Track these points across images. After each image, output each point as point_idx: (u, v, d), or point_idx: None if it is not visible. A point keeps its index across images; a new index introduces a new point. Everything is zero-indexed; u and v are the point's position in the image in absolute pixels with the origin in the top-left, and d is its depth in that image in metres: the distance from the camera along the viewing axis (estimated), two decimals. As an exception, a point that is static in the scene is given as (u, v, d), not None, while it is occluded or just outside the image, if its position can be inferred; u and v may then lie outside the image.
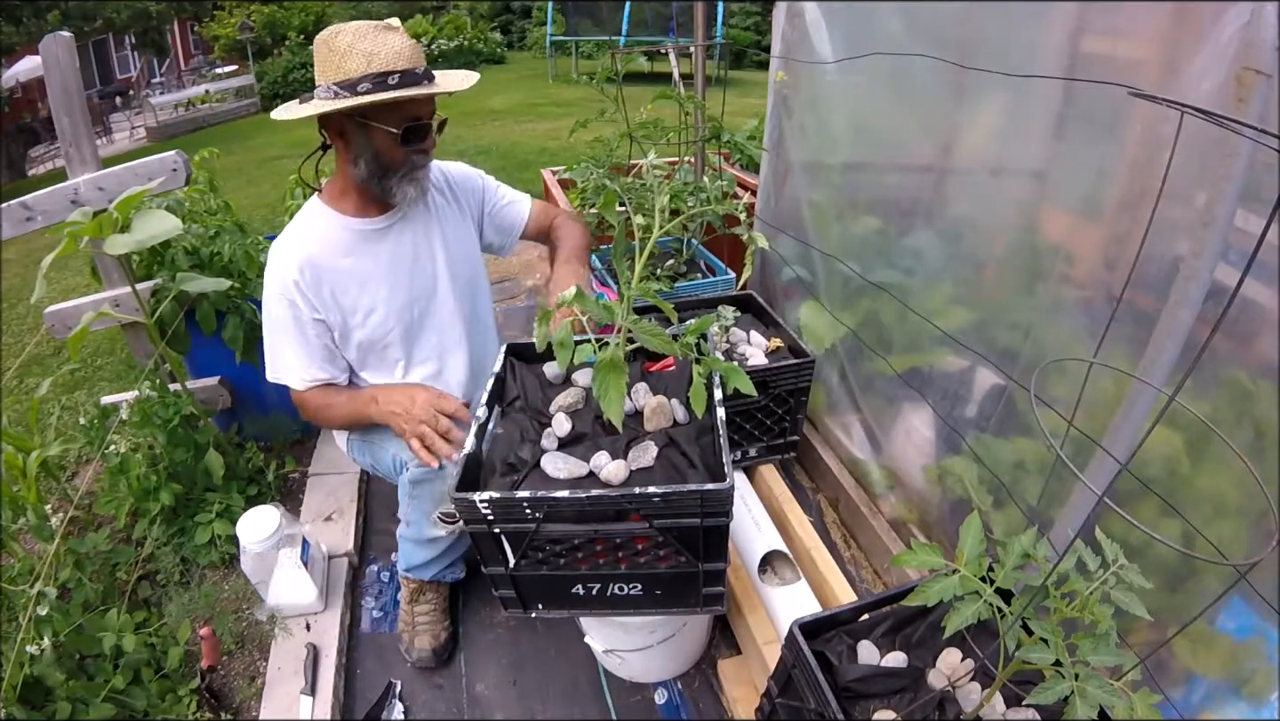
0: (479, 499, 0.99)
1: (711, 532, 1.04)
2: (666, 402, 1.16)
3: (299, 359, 1.44)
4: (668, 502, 0.99)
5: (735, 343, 1.86)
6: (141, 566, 1.73)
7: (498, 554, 1.10)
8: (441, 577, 1.63)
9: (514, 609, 1.23)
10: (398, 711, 1.51)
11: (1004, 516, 1.38)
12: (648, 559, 1.10)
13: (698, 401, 1.05)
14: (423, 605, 1.64)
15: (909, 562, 0.86)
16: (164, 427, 1.79)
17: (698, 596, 1.17)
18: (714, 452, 1.08)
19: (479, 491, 1.01)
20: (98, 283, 1.96)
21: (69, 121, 1.74)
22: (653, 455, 1.07)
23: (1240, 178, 0.87)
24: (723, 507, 1.01)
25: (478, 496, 0.99)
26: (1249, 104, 0.83)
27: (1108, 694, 0.74)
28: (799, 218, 2.05)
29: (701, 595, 1.16)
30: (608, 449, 1.08)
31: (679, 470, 1.05)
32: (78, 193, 1.77)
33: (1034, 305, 1.27)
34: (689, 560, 1.09)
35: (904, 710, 0.94)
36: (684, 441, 1.09)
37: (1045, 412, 1.13)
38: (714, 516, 1.01)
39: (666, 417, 1.15)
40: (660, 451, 1.09)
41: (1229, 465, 0.97)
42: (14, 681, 1.24)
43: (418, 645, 1.60)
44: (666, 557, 1.10)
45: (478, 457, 1.13)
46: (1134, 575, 0.78)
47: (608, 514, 1.03)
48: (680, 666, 1.58)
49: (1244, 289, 0.70)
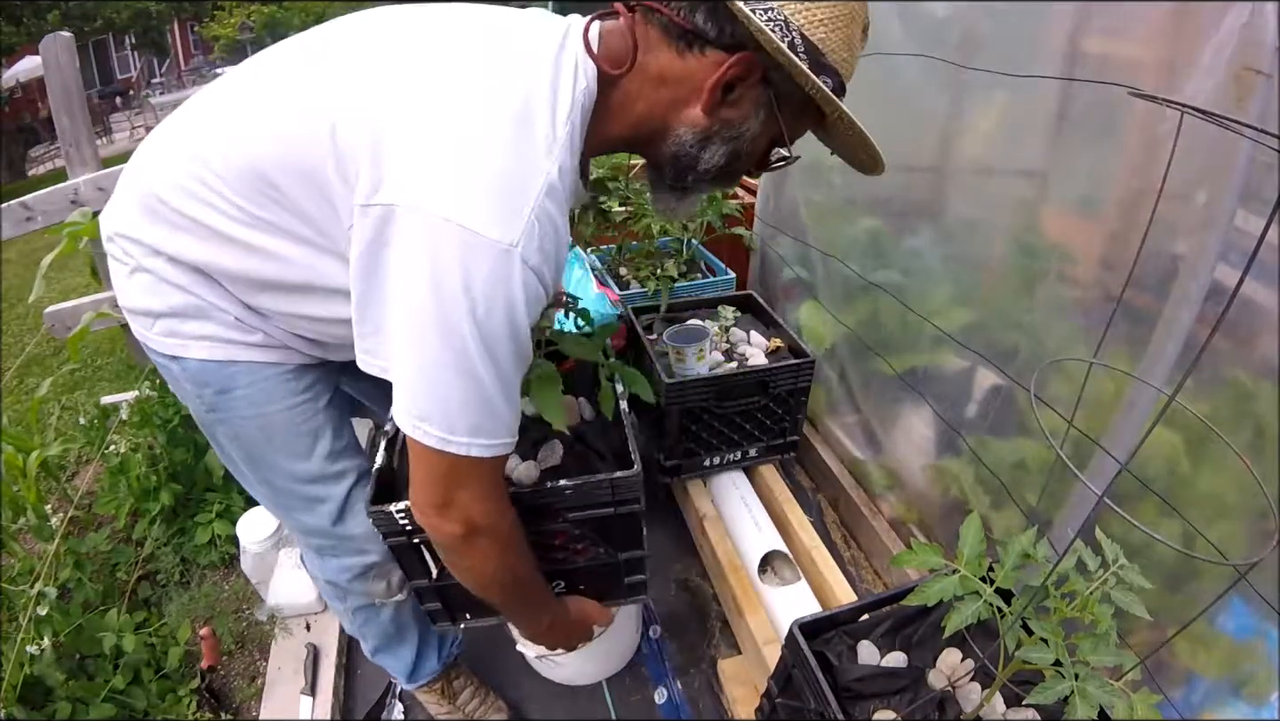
0: (395, 510, 0.97)
1: (626, 520, 1.06)
2: (574, 402, 1.18)
3: (511, 412, 0.80)
4: (580, 493, 0.99)
5: (735, 342, 1.86)
6: (141, 566, 1.73)
7: (419, 565, 1.08)
8: (449, 657, 1.42)
9: (443, 621, 1.20)
10: (398, 711, 1.51)
11: (1004, 516, 1.38)
12: (566, 554, 1.11)
13: (606, 403, 1.06)
14: (462, 696, 1.46)
15: (909, 562, 0.86)
16: (164, 427, 1.79)
17: (621, 587, 1.18)
18: (623, 444, 1.10)
19: (394, 503, 0.98)
20: (98, 283, 1.96)
21: (69, 121, 1.74)
22: (559, 453, 1.10)
23: (1240, 178, 0.87)
24: (633, 494, 1.02)
25: (393, 508, 0.97)
26: (1249, 104, 0.83)
27: (1108, 694, 0.74)
28: (799, 218, 2.05)
29: (625, 585, 1.18)
30: (516, 452, 1.07)
31: (589, 464, 1.07)
32: (78, 193, 1.77)
33: (1034, 305, 1.27)
34: (608, 551, 1.10)
35: (904, 710, 0.94)
36: (593, 437, 1.12)
37: (1045, 412, 1.13)
38: (626, 504, 1.03)
39: (574, 415, 1.17)
40: (567, 449, 1.11)
41: (1229, 465, 0.97)
42: (14, 681, 1.24)
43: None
44: (585, 550, 1.11)
45: (390, 470, 1.09)
46: (1134, 575, 0.78)
47: (522, 514, 0.99)
48: (614, 665, 1.58)
49: (1244, 289, 0.70)
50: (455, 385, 0.73)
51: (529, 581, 0.98)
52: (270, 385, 0.95)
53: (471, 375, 0.72)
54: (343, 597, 1.19)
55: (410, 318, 0.71)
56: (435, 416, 0.74)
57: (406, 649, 1.32)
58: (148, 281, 0.88)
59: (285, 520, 1.10)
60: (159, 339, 0.91)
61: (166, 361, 0.93)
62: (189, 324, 0.89)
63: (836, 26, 0.74)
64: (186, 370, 0.92)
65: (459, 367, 0.72)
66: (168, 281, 0.87)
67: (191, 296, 0.87)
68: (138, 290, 0.89)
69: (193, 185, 0.80)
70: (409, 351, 0.73)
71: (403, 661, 1.33)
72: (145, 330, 0.91)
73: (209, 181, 0.79)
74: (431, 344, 0.71)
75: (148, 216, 0.85)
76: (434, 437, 0.75)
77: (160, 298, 0.88)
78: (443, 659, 1.39)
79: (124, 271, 0.90)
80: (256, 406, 0.95)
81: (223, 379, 0.93)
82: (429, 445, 0.76)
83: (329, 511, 1.03)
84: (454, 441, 0.75)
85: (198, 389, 0.94)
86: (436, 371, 0.72)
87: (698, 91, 0.76)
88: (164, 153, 0.85)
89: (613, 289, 2.09)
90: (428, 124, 0.71)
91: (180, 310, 0.88)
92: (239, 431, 0.97)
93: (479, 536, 0.84)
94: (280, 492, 1.04)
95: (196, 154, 0.80)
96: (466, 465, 0.78)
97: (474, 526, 0.83)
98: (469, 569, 0.91)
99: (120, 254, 0.89)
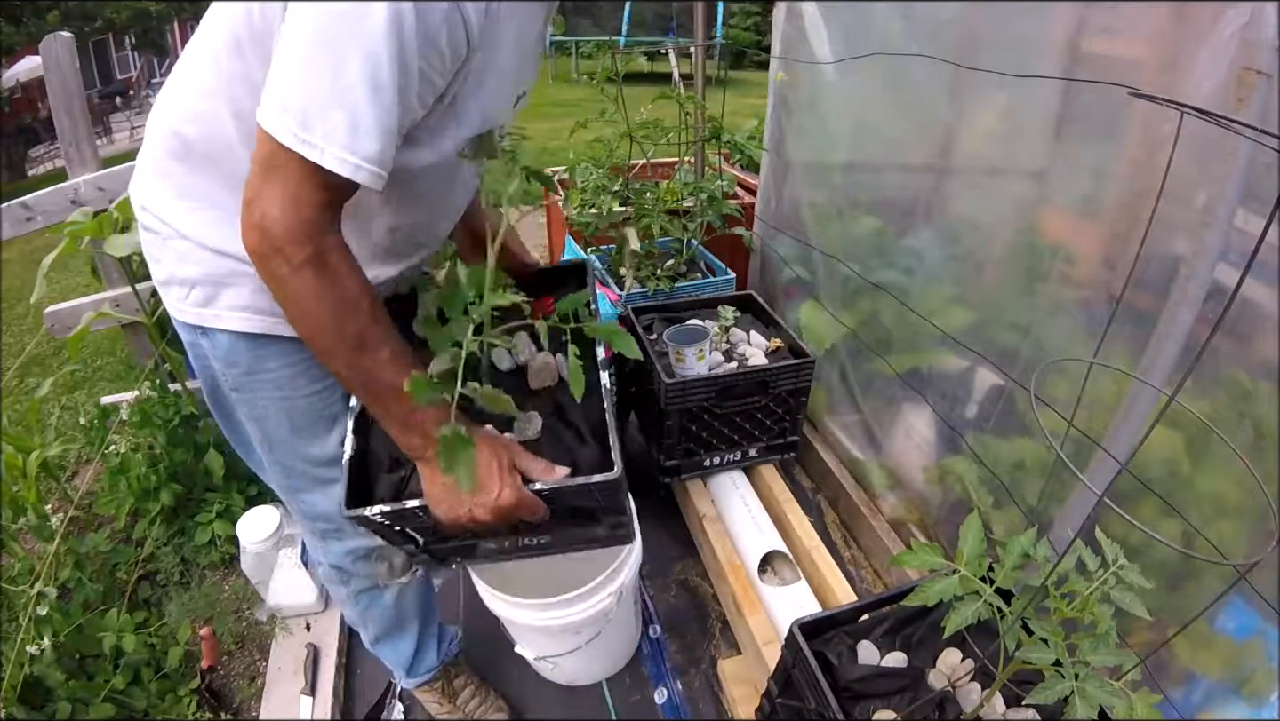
0: (372, 514, 0.93)
1: (609, 502, 1.01)
2: (552, 360, 1.05)
3: (372, 118, 0.68)
4: (559, 495, 0.94)
5: (735, 342, 1.86)
6: (141, 566, 1.73)
7: (405, 540, 1.05)
8: (447, 655, 1.41)
9: (432, 566, 1.18)
10: (398, 711, 1.51)
11: (1004, 516, 1.38)
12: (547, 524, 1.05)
13: (576, 384, 0.88)
14: (462, 695, 1.45)
15: (909, 562, 0.86)
16: (164, 427, 1.79)
17: (606, 531, 1.12)
18: (601, 420, 1.00)
19: (371, 505, 0.93)
20: (98, 282, 1.96)
21: (69, 121, 1.74)
22: (538, 426, 1.00)
23: (1240, 178, 0.87)
24: (616, 500, 0.99)
25: (370, 511, 0.93)
26: (1249, 104, 0.83)
27: (1108, 694, 0.74)
28: (799, 218, 2.05)
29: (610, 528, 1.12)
30: (491, 422, 0.99)
31: (566, 445, 0.99)
32: (78, 193, 1.77)
33: (1034, 305, 1.27)
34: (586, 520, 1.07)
35: (904, 710, 0.94)
36: (571, 408, 1.01)
37: (1045, 412, 1.13)
38: (609, 496, 0.98)
39: (552, 375, 1.06)
40: (545, 423, 1.01)
41: (1229, 465, 0.97)
42: (14, 681, 1.24)
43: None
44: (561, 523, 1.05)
45: (364, 454, 0.99)
46: (1134, 575, 0.78)
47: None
48: (614, 665, 1.58)
49: (1244, 289, 0.70)
50: (320, 62, 0.66)
51: (343, 339, 0.76)
52: (297, 371, 0.95)
53: (344, 56, 0.65)
54: (346, 581, 1.19)
55: (300, 14, 0.67)
56: (285, 94, 0.67)
57: (407, 641, 1.32)
58: (184, 248, 0.88)
59: (293, 503, 1.10)
60: (192, 309, 0.90)
61: (196, 337, 0.93)
62: (225, 292, 0.89)
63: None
64: (217, 347, 0.92)
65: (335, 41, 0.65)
66: (203, 245, 0.87)
67: (227, 259, 0.87)
68: (173, 258, 0.89)
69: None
70: (300, 32, 0.67)
71: (402, 654, 1.33)
72: (179, 302, 0.91)
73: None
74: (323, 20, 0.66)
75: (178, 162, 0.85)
76: (269, 114, 0.67)
77: (195, 264, 0.88)
78: (442, 655, 1.40)
79: (157, 241, 0.90)
80: (282, 390, 0.96)
81: (253, 359, 0.92)
82: (261, 124, 0.68)
83: (341, 494, 1.03)
84: (279, 124, 0.67)
85: (225, 367, 0.94)
86: (312, 47, 0.66)
87: None
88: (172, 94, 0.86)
89: (613, 289, 2.10)
90: None
91: (216, 275, 0.88)
92: (262, 413, 0.98)
93: (274, 255, 0.70)
94: (293, 474, 1.05)
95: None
96: (284, 157, 0.68)
97: (267, 235, 0.69)
98: (284, 302, 0.75)
99: (155, 223, 0.89)
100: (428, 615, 1.36)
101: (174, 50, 18.59)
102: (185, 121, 0.84)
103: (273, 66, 0.69)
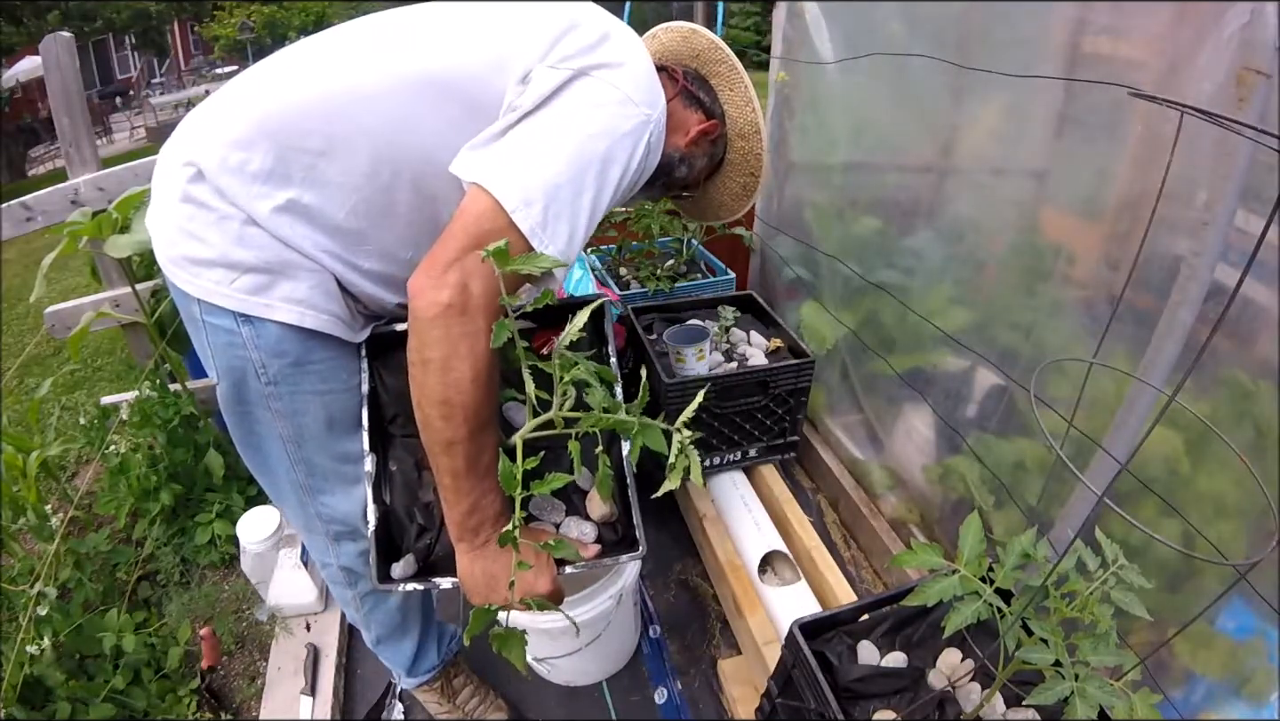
0: (406, 588, 0.95)
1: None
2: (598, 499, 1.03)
3: (581, 237, 0.84)
4: (587, 571, 1.01)
5: (735, 343, 1.86)
6: (141, 566, 1.73)
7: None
8: (448, 655, 1.41)
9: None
10: (398, 711, 1.51)
11: (1004, 516, 1.38)
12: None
13: (603, 489, 0.92)
14: (462, 695, 1.45)
15: (909, 562, 0.86)
16: (164, 427, 1.79)
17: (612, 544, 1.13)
18: (624, 495, 1.03)
19: (400, 581, 0.95)
20: (98, 283, 1.96)
21: (69, 121, 1.74)
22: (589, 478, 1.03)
23: (1240, 178, 0.87)
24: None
25: (401, 588, 0.94)
26: (1249, 104, 0.83)
27: (1108, 694, 0.74)
28: (800, 218, 2.05)
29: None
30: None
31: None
32: (78, 193, 1.77)
33: (1034, 305, 1.27)
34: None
35: (904, 710, 0.94)
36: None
37: (1045, 413, 1.13)
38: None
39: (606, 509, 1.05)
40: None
41: (1229, 465, 0.97)
42: (14, 681, 1.24)
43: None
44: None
45: (387, 515, 1.00)
46: (1134, 575, 0.78)
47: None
48: (613, 666, 1.58)
49: (1244, 289, 0.70)
50: (568, 175, 0.81)
51: (479, 416, 0.80)
52: (339, 364, 0.95)
53: (584, 174, 0.82)
54: (353, 583, 1.18)
55: (563, 122, 0.83)
56: (529, 188, 0.79)
57: (408, 641, 1.32)
58: (248, 232, 0.84)
59: (310, 505, 1.05)
60: (239, 296, 0.85)
61: (235, 324, 0.87)
62: (282, 284, 0.86)
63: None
64: (262, 337, 0.88)
65: (580, 161, 0.81)
66: (274, 234, 0.84)
67: (291, 251, 0.85)
68: (227, 239, 0.84)
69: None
70: (542, 141, 0.81)
71: (403, 654, 1.33)
72: (222, 286, 0.85)
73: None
74: (570, 141, 0.82)
75: (276, 161, 0.83)
76: (510, 196, 0.78)
77: (258, 250, 0.84)
78: (442, 655, 1.39)
79: (210, 219, 0.84)
80: (327, 382, 0.95)
81: (301, 350, 0.91)
82: (500, 201, 0.78)
83: (364, 493, 1.01)
84: (524, 216, 0.78)
85: (270, 358, 0.89)
86: (557, 154, 0.81)
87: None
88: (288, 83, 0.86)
89: (613, 289, 2.10)
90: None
91: (277, 265, 0.85)
92: (301, 406, 0.95)
93: (463, 314, 0.76)
94: (317, 473, 1.02)
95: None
96: (514, 240, 0.77)
97: (466, 296, 0.76)
98: (432, 353, 0.77)
99: (212, 198, 0.83)
100: (428, 615, 1.36)
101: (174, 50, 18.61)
102: (350, 125, 0.85)
103: (514, 146, 0.82)
